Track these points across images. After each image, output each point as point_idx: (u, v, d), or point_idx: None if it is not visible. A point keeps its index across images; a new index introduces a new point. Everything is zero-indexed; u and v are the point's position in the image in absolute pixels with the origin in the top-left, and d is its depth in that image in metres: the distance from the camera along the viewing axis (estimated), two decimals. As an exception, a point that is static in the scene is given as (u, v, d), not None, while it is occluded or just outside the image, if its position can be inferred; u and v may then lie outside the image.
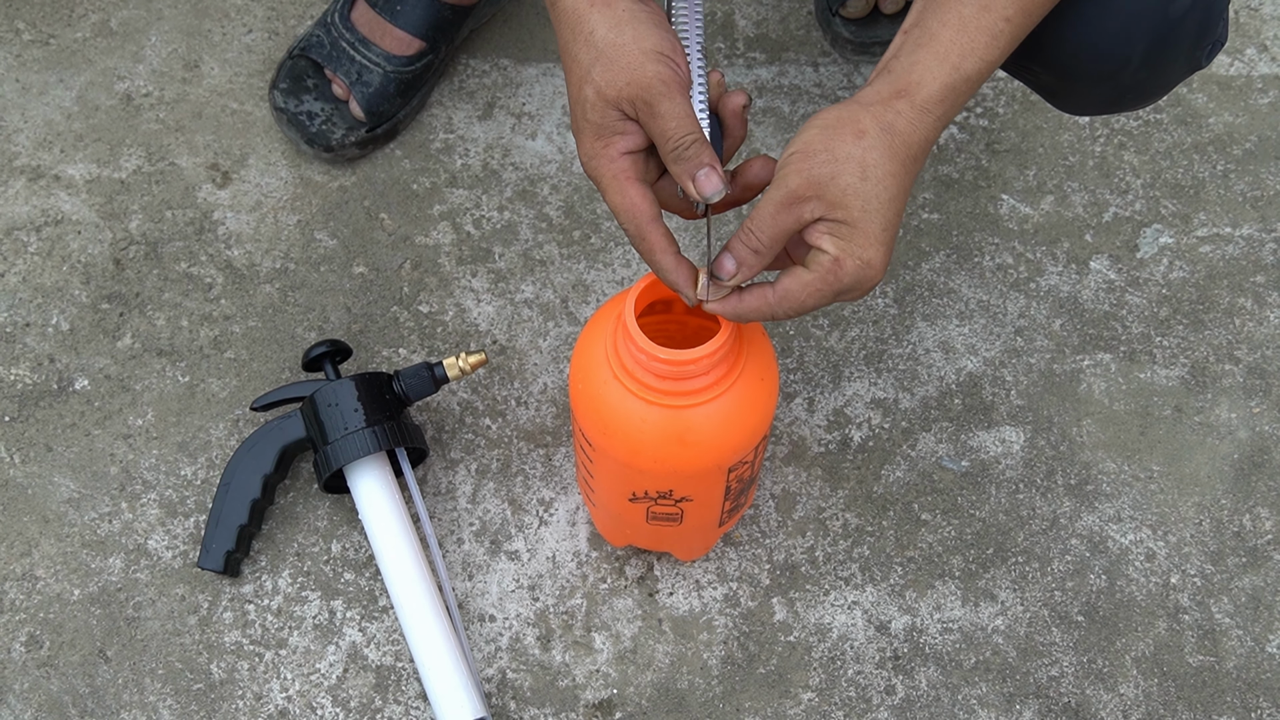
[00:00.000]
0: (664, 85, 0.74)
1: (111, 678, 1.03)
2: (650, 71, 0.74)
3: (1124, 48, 0.86)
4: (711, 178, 0.75)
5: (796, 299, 0.77)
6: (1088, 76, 0.89)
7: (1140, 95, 0.93)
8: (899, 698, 1.03)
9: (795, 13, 1.31)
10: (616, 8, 0.75)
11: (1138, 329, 1.17)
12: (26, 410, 1.12)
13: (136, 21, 1.29)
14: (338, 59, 1.20)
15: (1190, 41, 0.88)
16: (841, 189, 0.74)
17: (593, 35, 0.75)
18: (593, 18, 0.75)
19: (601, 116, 0.76)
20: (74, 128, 1.24)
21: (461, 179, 1.22)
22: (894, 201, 0.75)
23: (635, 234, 0.77)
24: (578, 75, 0.76)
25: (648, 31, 0.75)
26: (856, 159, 0.74)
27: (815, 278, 0.76)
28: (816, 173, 0.74)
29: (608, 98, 0.75)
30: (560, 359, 1.15)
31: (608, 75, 0.74)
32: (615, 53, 0.74)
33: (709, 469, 0.88)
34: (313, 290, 1.17)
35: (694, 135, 0.75)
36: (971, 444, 1.12)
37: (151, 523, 1.08)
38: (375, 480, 1.04)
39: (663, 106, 0.74)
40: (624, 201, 0.77)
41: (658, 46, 0.75)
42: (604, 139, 0.76)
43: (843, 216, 0.74)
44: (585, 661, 1.04)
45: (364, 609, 1.06)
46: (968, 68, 0.76)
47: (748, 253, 0.76)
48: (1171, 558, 1.09)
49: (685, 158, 0.75)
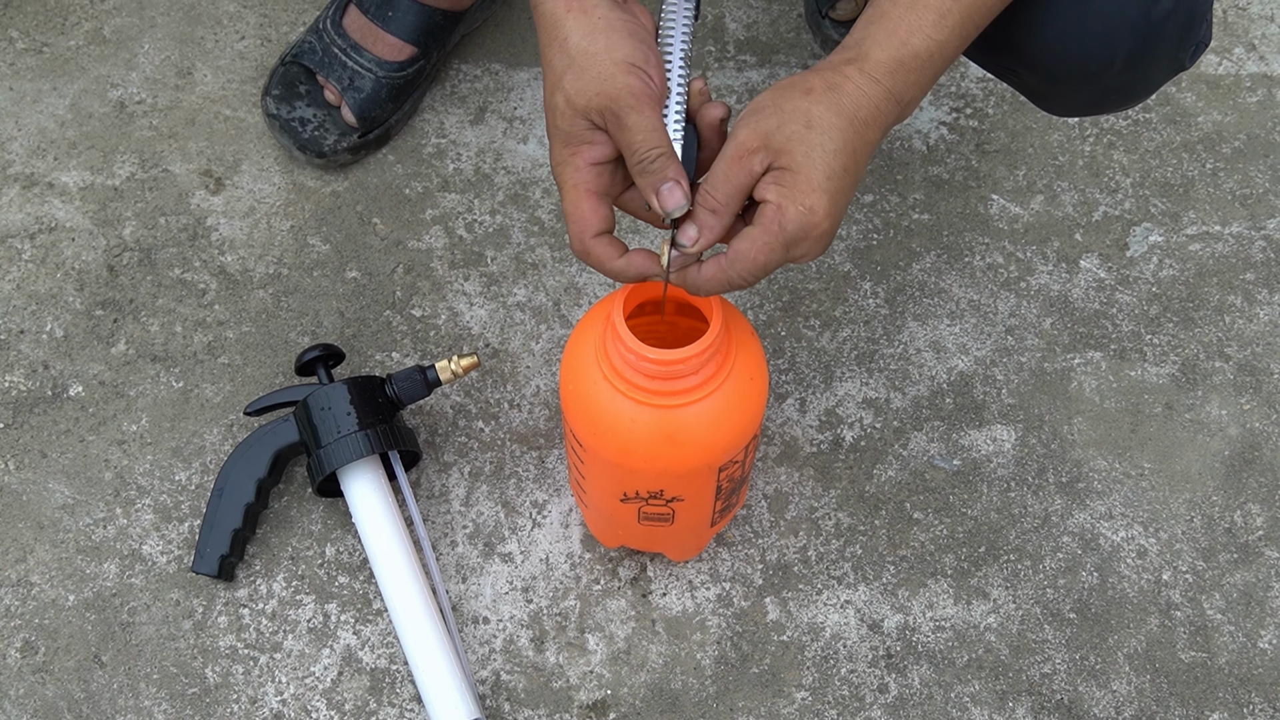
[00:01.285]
0: (633, 97, 0.74)
1: (106, 683, 1.04)
2: (620, 83, 0.74)
3: (1107, 50, 0.87)
4: (675, 192, 0.75)
5: (748, 257, 0.76)
6: (1072, 78, 0.90)
7: (1124, 96, 0.93)
8: (892, 696, 1.04)
9: (785, 15, 1.31)
10: (593, 15, 0.75)
11: (1128, 327, 1.17)
12: (21, 417, 1.12)
13: (129, 29, 1.29)
14: (330, 65, 1.20)
15: (1173, 43, 0.88)
16: (786, 136, 0.75)
17: (566, 42, 0.75)
18: (568, 24, 0.76)
19: (570, 125, 0.76)
20: (67, 135, 1.24)
21: (453, 183, 1.23)
22: (839, 155, 0.75)
23: (579, 248, 0.78)
24: (551, 81, 0.76)
25: (620, 41, 0.75)
26: (802, 110, 0.75)
27: (760, 230, 0.76)
28: (763, 125, 0.75)
29: (577, 106, 0.75)
30: (553, 362, 1.15)
31: (578, 84, 0.75)
32: (587, 61, 0.74)
33: (699, 468, 0.89)
34: (306, 295, 1.18)
35: (660, 149, 0.75)
36: (963, 443, 1.13)
37: (146, 528, 1.09)
38: (369, 484, 1.04)
39: (630, 119, 0.74)
40: (575, 212, 0.77)
41: (629, 57, 0.75)
42: (572, 147, 0.77)
43: (786, 163, 0.75)
44: (579, 662, 1.05)
45: (358, 612, 1.06)
46: (915, 43, 0.77)
47: (705, 214, 0.76)
48: (1163, 554, 1.09)
49: (650, 171, 0.75)
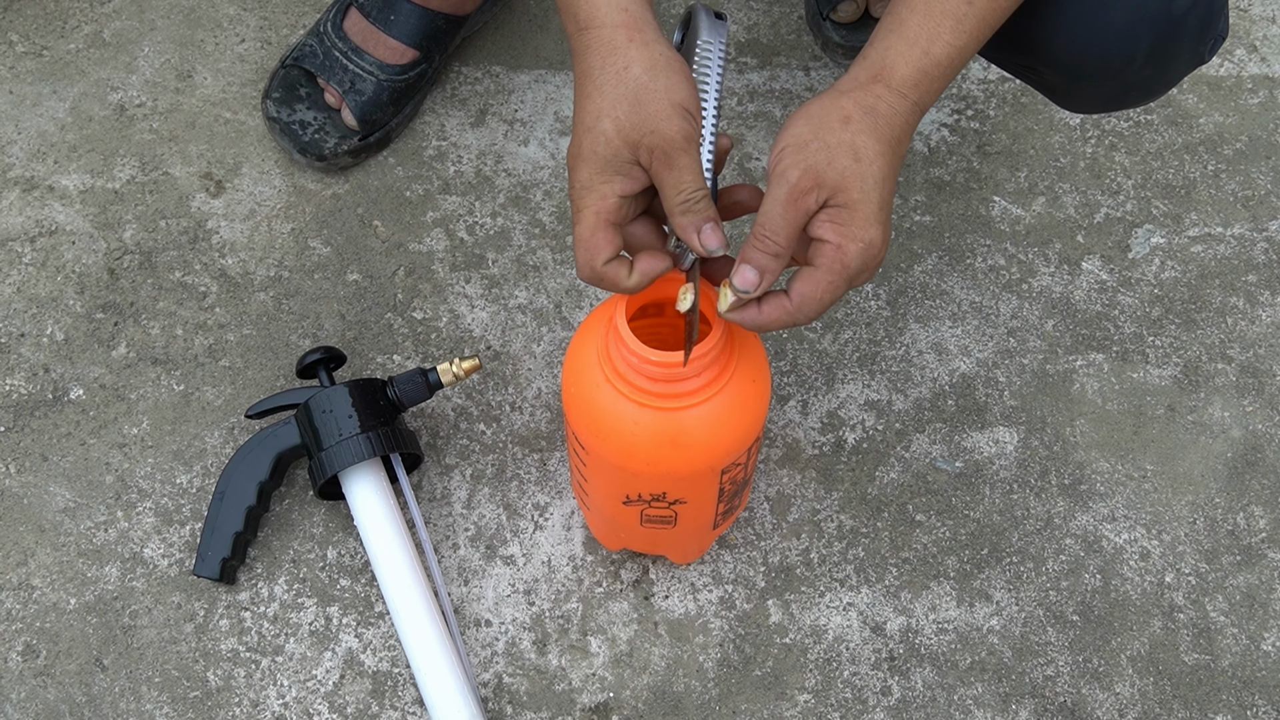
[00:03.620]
0: (686, 141, 0.75)
1: (108, 686, 1.03)
2: (676, 126, 0.75)
3: (1129, 45, 0.87)
4: (716, 233, 0.77)
5: (814, 298, 0.77)
6: (1093, 74, 0.90)
7: (1145, 91, 0.93)
8: (895, 699, 1.03)
9: (786, 17, 1.31)
10: (654, 50, 0.76)
11: (1130, 329, 1.17)
12: (22, 420, 1.12)
13: (129, 32, 1.29)
14: (331, 68, 1.20)
15: (1194, 37, 0.89)
16: (839, 173, 0.75)
17: (626, 71, 0.75)
18: (630, 54, 0.76)
19: (613, 154, 0.76)
20: (68, 138, 1.24)
21: (454, 186, 1.23)
22: (886, 180, 0.76)
23: (590, 274, 0.78)
24: (598, 105, 0.76)
25: (680, 84, 0.75)
26: (847, 143, 0.75)
27: (824, 272, 0.76)
28: (812, 161, 0.75)
29: (628, 139, 0.75)
30: (554, 364, 1.15)
31: (635, 118, 0.75)
32: (647, 97, 0.75)
33: (701, 471, 0.89)
34: (307, 298, 1.17)
35: (704, 191, 0.76)
36: (965, 445, 1.12)
37: (147, 531, 1.08)
38: (370, 486, 1.04)
39: (681, 160, 0.75)
40: (590, 239, 0.77)
41: (685, 102, 0.75)
42: (605, 175, 0.77)
43: (843, 200, 0.75)
44: (581, 665, 1.04)
45: (360, 615, 1.06)
46: (936, 51, 0.78)
47: (767, 258, 0.76)
48: (1166, 556, 1.09)
49: (694, 211, 0.76)
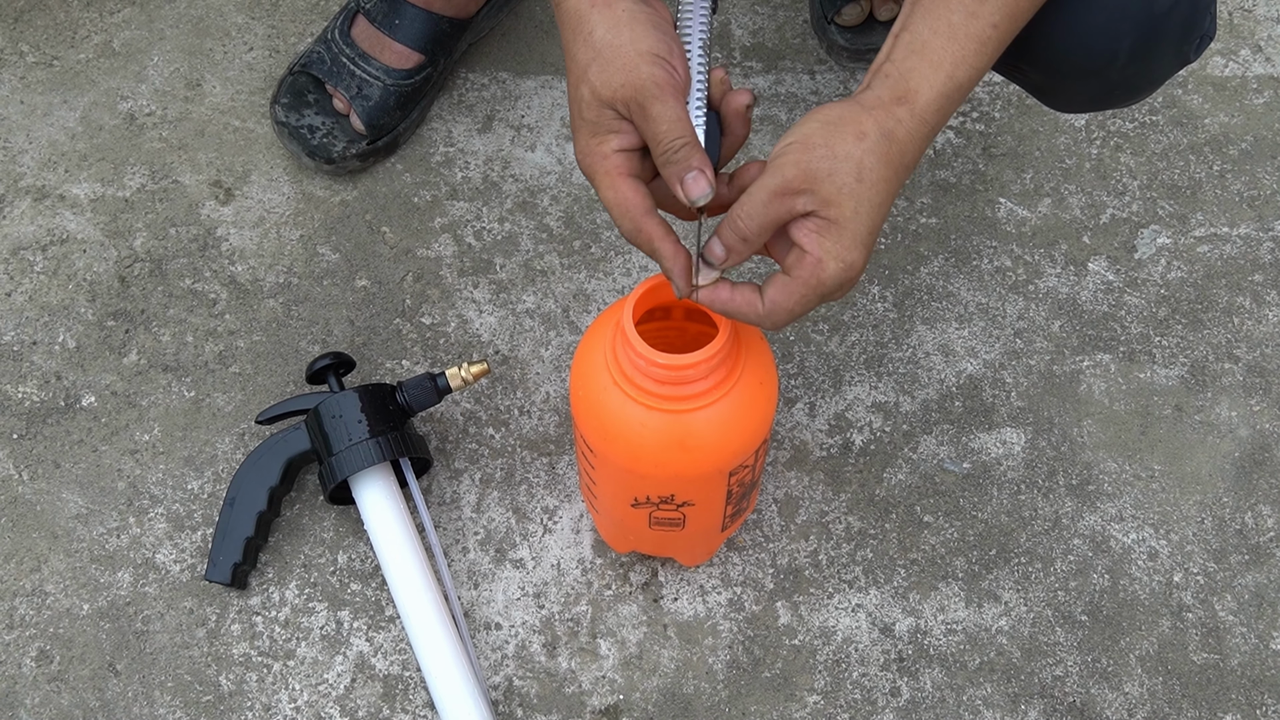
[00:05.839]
0: (657, 88, 0.75)
1: (121, 691, 1.04)
2: (644, 74, 0.75)
3: (1111, 43, 0.87)
4: (700, 181, 0.76)
5: (784, 308, 0.77)
6: (1076, 73, 0.90)
7: (1130, 91, 0.93)
8: (904, 700, 1.04)
9: (791, 21, 1.32)
10: (616, 9, 0.76)
11: (1137, 329, 1.17)
12: (34, 428, 1.13)
13: (139, 42, 1.30)
14: (338, 74, 1.21)
15: (1177, 36, 0.89)
16: (837, 187, 0.74)
17: (591, 35, 0.76)
18: (593, 18, 0.77)
19: (597, 115, 0.77)
20: (78, 148, 1.25)
21: (462, 191, 1.23)
22: (882, 207, 0.76)
23: (631, 228, 0.78)
24: (575, 74, 0.78)
25: (645, 33, 0.76)
26: (855, 159, 0.75)
27: (798, 284, 0.76)
28: (814, 167, 0.74)
29: (602, 98, 0.76)
30: (562, 368, 1.15)
31: (603, 76, 0.76)
32: (611, 53, 0.75)
33: (710, 473, 0.89)
34: (316, 304, 1.18)
35: (684, 139, 0.75)
36: (973, 446, 1.13)
37: (159, 537, 1.09)
38: (380, 491, 1.05)
39: (655, 109, 0.75)
40: (616, 196, 0.77)
41: (654, 49, 0.76)
42: (598, 137, 0.78)
43: (834, 215, 0.75)
44: (591, 668, 1.05)
45: (371, 619, 1.06)
46: (960, 76, 0.77)
47: (735, 240, 0.77)
48: (1174, 556, 1.09)
49: (675, 160, 0.76)
